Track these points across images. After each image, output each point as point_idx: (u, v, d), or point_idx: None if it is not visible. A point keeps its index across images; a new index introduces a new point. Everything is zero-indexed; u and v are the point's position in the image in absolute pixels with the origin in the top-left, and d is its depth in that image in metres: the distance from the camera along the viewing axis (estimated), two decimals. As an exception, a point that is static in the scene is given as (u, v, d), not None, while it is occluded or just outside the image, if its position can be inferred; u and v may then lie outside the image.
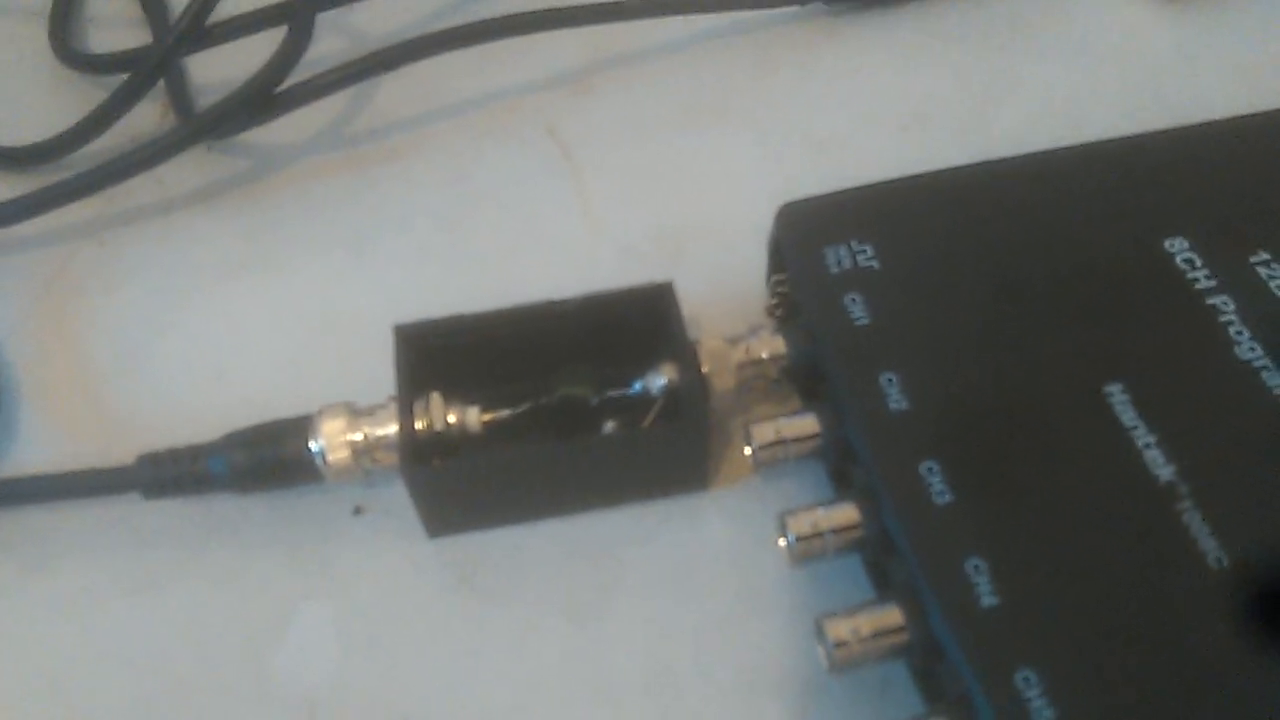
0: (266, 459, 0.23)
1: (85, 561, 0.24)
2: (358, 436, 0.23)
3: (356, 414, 0.23)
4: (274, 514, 0.24)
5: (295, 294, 0.28)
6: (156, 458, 0.23)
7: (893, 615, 0.20)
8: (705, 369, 0.23)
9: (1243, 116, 0.26)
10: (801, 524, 0.21)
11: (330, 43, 0.33)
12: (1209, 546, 0.19)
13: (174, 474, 0.23)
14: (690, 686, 0.22)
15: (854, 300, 0.23)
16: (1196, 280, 0.23)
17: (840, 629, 0.20)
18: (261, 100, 0.29)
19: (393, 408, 0.23)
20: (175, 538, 0.24)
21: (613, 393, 0.24)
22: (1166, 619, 0.19)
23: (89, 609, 0.24)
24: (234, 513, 0.24)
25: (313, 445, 0.23)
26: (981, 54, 0.32)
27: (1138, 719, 0.18)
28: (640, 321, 0.24)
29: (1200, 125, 0.26)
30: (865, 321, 0.23)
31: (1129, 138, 0.26)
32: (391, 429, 0.23)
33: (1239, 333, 0.22)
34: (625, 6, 0.32)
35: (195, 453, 0.23)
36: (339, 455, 0.23)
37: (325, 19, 0.32)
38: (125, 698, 0.22)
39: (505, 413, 0.24)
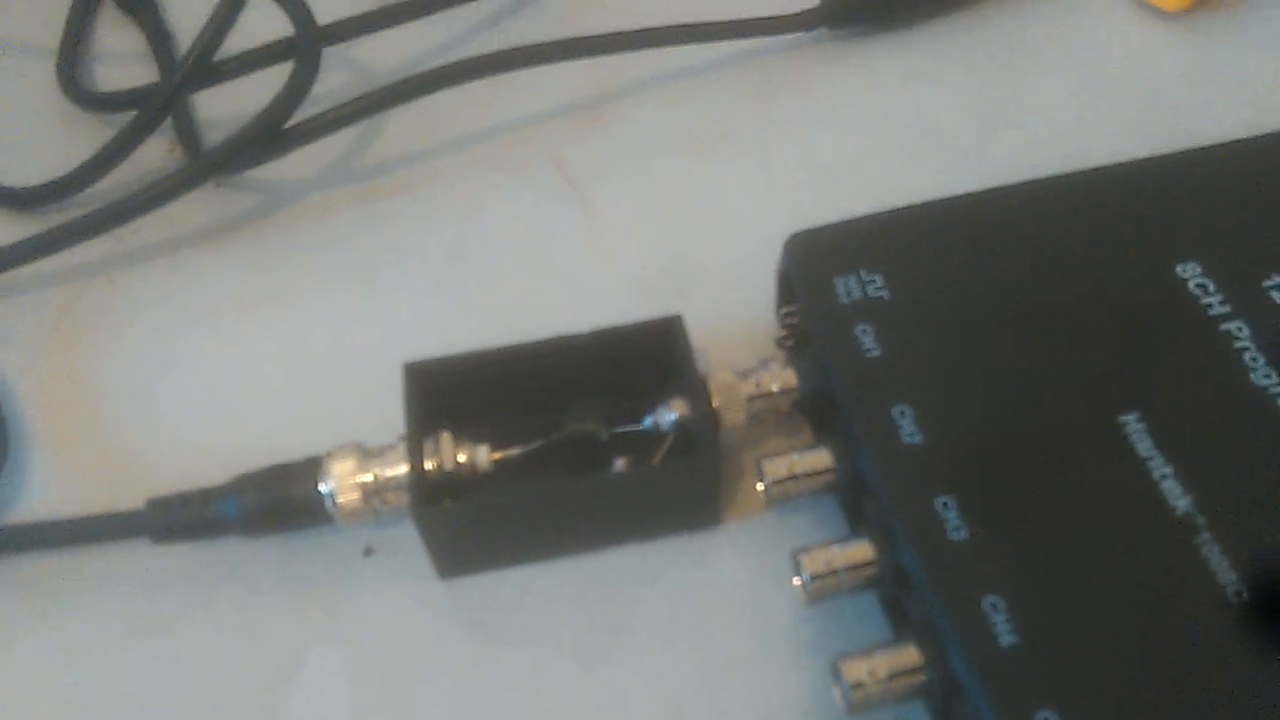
0: (276, 502, 0.23)
1: (95, 607, 0.24)
2: (368, 478, 0.23)
3: (366, 455, 0.23)
4: (284, 556, 0.24)
5: (305, 331, 0.28)
6: (166, 502, 0.23)
7: (910, 655, 0.20)
8: (716, 404, 0.23)
9: (1252, 138, 0.26)
10: (816, 562, 0.21)
11: (337, 77, 0.33)
12: (1228, 580, 0.19)
13: (183, 518, 0.23)
14: (705, 727, 0.22)
15: (865, 331, 0.23)
16: (1210, 306, 0.23)
17: (857, 670, 0.20)
18: (269, 137, 0.29)
19: (402, 448, 0.23)
20: (185, 582, 0.24)
21: (623, 428, 0.24)
22: (1186, 655, 0.18)
23: (98, 655, 0.23)
24: (244, 556, 0.24)
25: (323, 487, 0.23)
26: (987, 77, 0.32)
27: (1160, 758, 0.18)
28: (650, 356, 0.24)
29: (1210, 148, 0.26)
30: (877, 353, 0.22)
31: (1138, 161, 0.25)
32: (402, 469, 0.23)
33: (1254, 359, 0.22)
34: (630, 37, 0.32)
35: (205, 496, 0.23)
36: (349, 497, 0.23)
37: (332, 53, 0.32)
38: (136, 744, 0.22)
39: (515, 450, 0.24)
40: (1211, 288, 0.23)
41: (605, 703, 0.22)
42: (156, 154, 0.32)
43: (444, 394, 0.24)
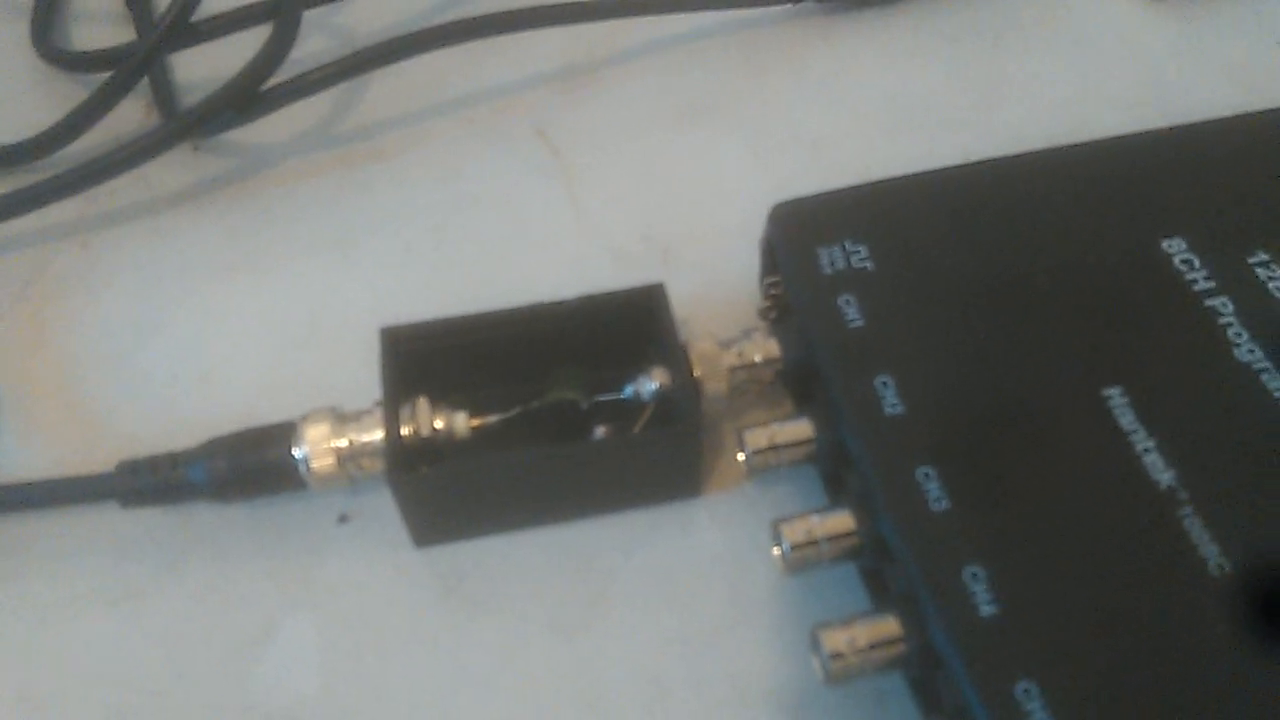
0: (248, 466, 0.22)
1: (62, 571, 0.24)
2: (342, 443, 0.22)
3: (341, 420, 0.23)
4: (256, 522, 0.24)
5: (282, 296, 0.28)
6: (135, 465, 0.23)
7: (890, 626, 0.20)
8: (697, 373, 0.23)
9: (1240, 115, 0.26)
10: (796, 532, 0.21)
11: (317, 40, 0.33)
12: (1210, 553, 0.19)
13: (153, 482, 0.23)
14: (681, 699, 0.21)
15: (848, 302, 0.23)
16: (1195, 281, 0.22)
17: (837, 640, 0.19)
18: (247, 98, 0.29)
19: (378, 413, 0.22)
20: (155, 547, 0.24)
21: (603, 397, 0.23)
22: (1167, 627, 0.18)
23: (65, 620, 0.23)
24: (215, 522, 0.24)
25: (296, 452, 0.22)
26: (975, 53, 0.32)
27: (1139, 730, 0.18)
28: (631, 324, 0.24)
29: (1197, 124, 0.25)
30: (860, 323, 0.22)
31: (1126, 136, 0.25)
32: (377, 435, 0.22)
33: (1238, 335, 0.22)
34: (616, 4, 0.31)
35: (175, 460, 0.23)
36: (323, 462, 0.22)
37: (312, 16, 0.31)
38: (104, 710, 0.22)
39: (494, 418, 0.23)
40: (1196, 264, 0.23)
41: (583, 672, 0.22)
42: (132, 116, 0.32)
43: (422, 360, 0.23)
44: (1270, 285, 0.22)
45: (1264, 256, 0.23)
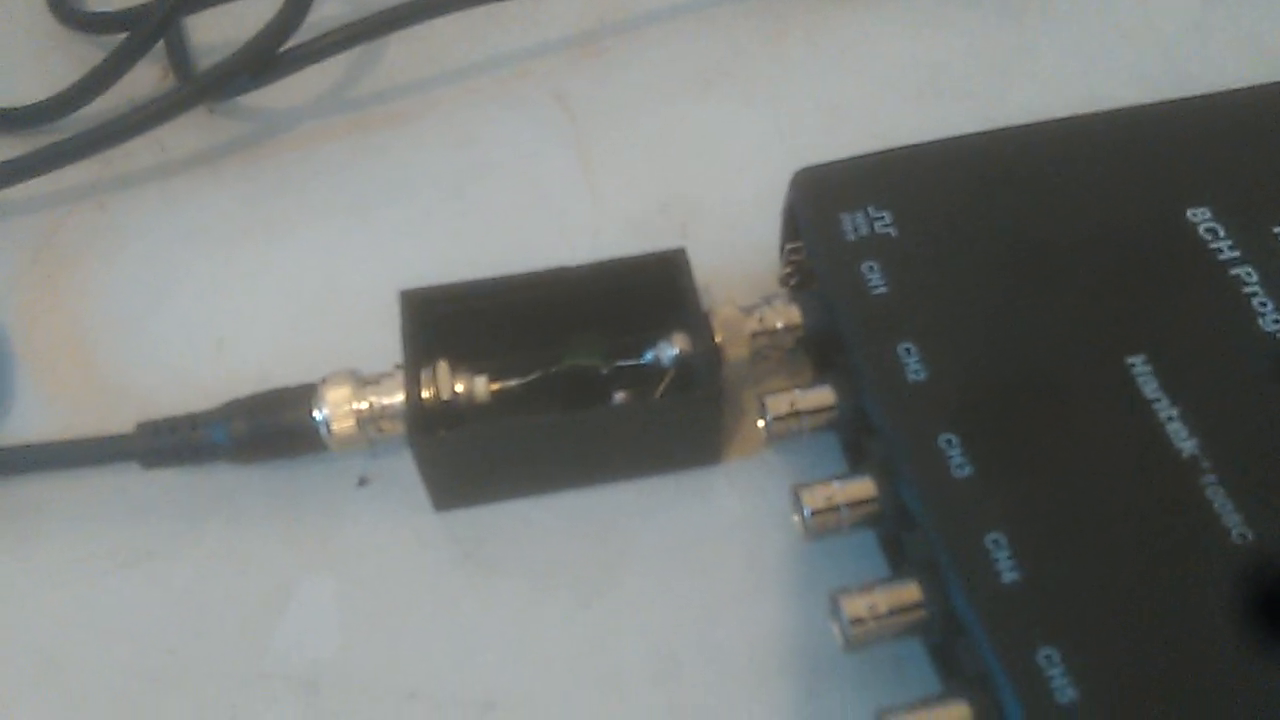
0: (269, 428, 0.22)
1: (82, 532, 0.24)
2: (363, 405, 0.22)
3: (362, 382, 0.23)
4: (276, 485, 0.24)
5: (298, 260, 0.28)
6: (155, 426, 0.23)
7: (911, 591, 0.20)
8: (719, 339, 0.23)
9: (1264, 85, 0.25)
10: (817, 498, 0.21)
11: (334, 3, 0.33)
12: (1232, 521, 0.19)
13: (173, 443, 0.23)
14: (698, 664, 0.22)
15: (871, 268, 0.22)
16: (1220, 251, 0.22)
17: (857, 605, 0.19)
18: (263, 61, 0.29)
19: (399, 376, 0.22)
20: (174, 509, 0.24)
21: (623, 362, 0.23)
22: (1189, 595, 0.18)
23: (85, 580, 0.23)
24: (234, 483, 0.24)
25: (316, 414, 0.22)
26: (997, 21, 0.31)
27: (1160, 698, 0.18)
28: (652, 289, 0.24)
29: (1222, 94, 0.25)
30: (883, 290, 0.22)
31: (1150, 105, 0.25)
32: (398, 398, 0.22)
33: (1263, 304, 0.21)
34: (635, -30, 0.31)
35: (195, 421, 0.23)
36: (344, 424, 0.22)
37: (328, -21, 0.31)
38: (122, 672, 0.22)
39: (513, 382, 0.23)
40: (1221, 232, 0.22)
41: (600, 637, 0.22)
42: (148, 79, 0.32)
43: (441, 323, 0.23)
44: (1296, 255, 0.22)
45: (1290, 227, 0.22)
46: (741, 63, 0.31)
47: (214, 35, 0.32)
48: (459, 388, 0.22)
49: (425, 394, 0.22)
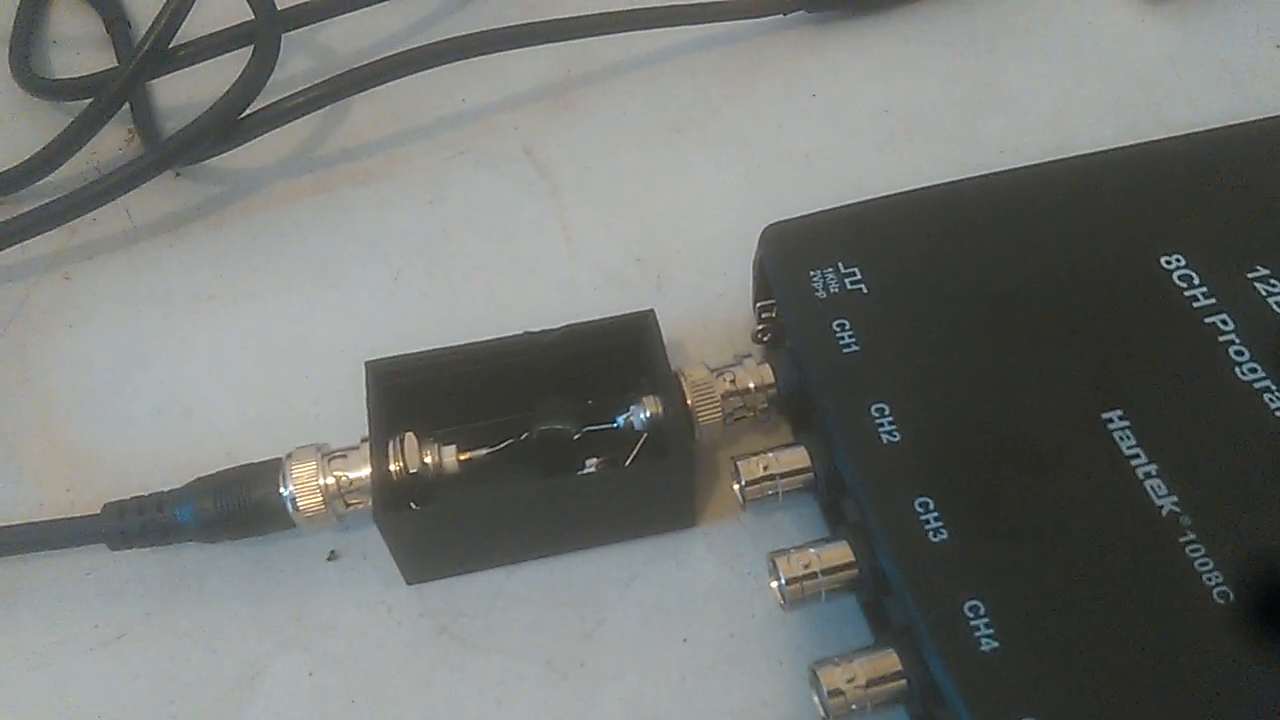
0: (235, 506, 0.22)
1: (50, 615, 0.23)
2: (329, 481, 0.22)
3: (328, 457, 0.22)
4: (245, 561, 0.24)
5: (267, 326, 0.27)
6: (121, 507, 0.23)
7: (890, 661, 0.19)
8: (690, 401, 0.23)
9: (1235, 125, 0.25)
10: (792, 566, 0.20)
11: (299, 63, 0.32)
12: (1214, 580, 0.19)
13: (140, 524, 0.22)
14: (680, 736, 0.21)
15: (842, 326, 0.22)
16: (1195, 299, 0.22)
17: (835, 677, 0.19)
18: (228, 125, 0.29)
19: (365, 449, 0.22)
20: (144, 589, 0.23)
21: (594, 427, 0.23)
22: (1171, 659, 0.18)
23: (54, 663, 0.23)
24: (204, 561, 0.24)
25: (283, 490, 0.22)
26: (970, 61, 0.31)
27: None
28: (621, 352, 0.23)
29: (1193, 135, 0.25)
30: (855, 349, 0.22)
31: (1120, 150, 0.25)
32: (364, 472, 0.22)
33: (1239, 353, 0.21)
34: (602, 20, 0.31)
35: (161, 501, 0.22)
36: (310, 501, 0.22)
37: (293, 39, 0.31)
38: (93, 757, 0.22)
39: (483, 451, 0.23)
40: (1196, 280, 0.22)
41: (578, 710, 0.21)
42: (114, 144, 0.31)
43: (409, 393, 0.23)
44: (1270, 300, 0.22)
45: (1264, 271, 0.22)
46: (712, 111, 0.31)
47: (179, 96, 0.32)
48: (427, 459, 0.22)
49: (393, 467, 0.22)
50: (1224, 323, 0.22)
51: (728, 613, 0.22)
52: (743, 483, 0.22)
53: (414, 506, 0.22)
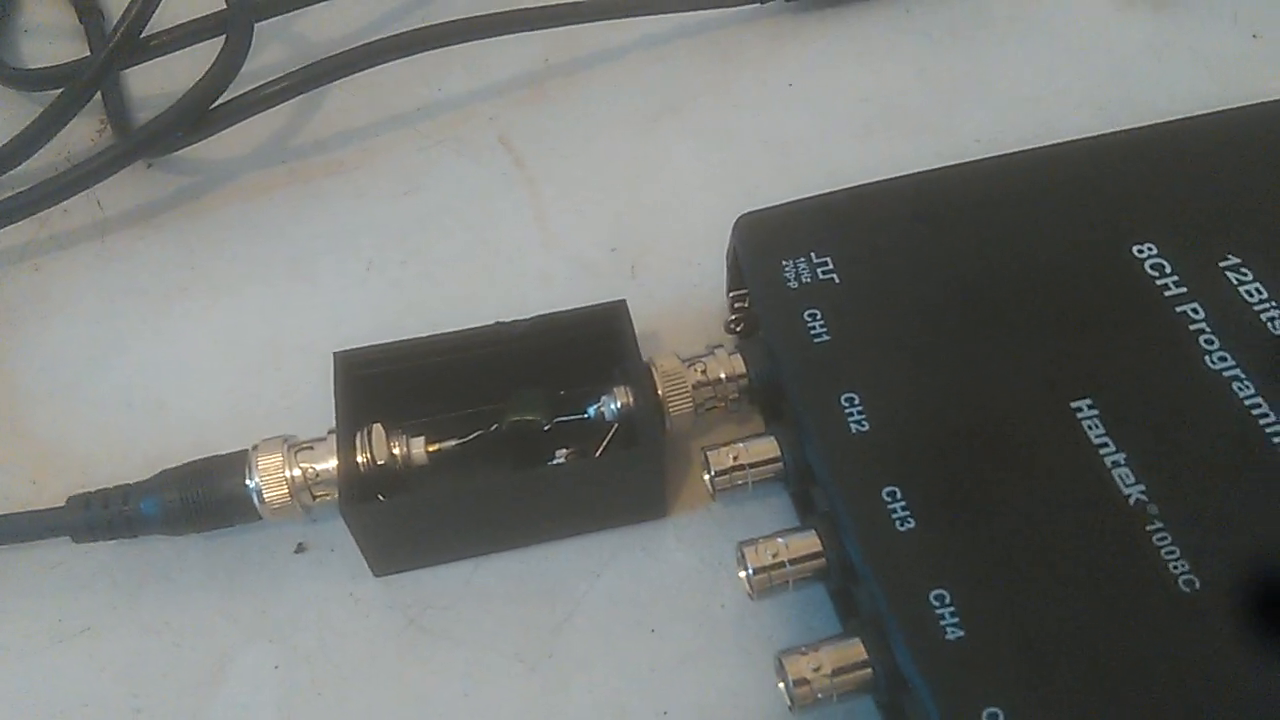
0: (200, 499, 0.22)
1: (14, 608, 0.23)
2: (296, 473, 0.22)
3: (295, 448, 0.22)
4: (211, 553, 0.23)
5: (238, 318, 0.27)
6: (86, 499, 0.22)
7: (856, 650, 0.19)
8: (661, 392, 0.22)
9: (1210, 114, 0.25)
10: (761, 555, 0.20)
11: (272, 53, 0.32)
12: (1180, 569, 0.19)
13: (105, 516, 0.22)
14: (649, 727, 0.21)
15: (814, 316, 0.22)
16: (1166, 287, 0.22)
17: (800, 666, 0.19)
18: (200, 115, 0.28)
19: (332, 441, 0.22)
20: (109, 581, 0.23)
21: (565, 418, 0.23)
22: (1137, 648, 0.18)
23: (18, 657, 0.23)
24: (170, 553, 0.23)
25: (249, 483, 0.22)
26: (948, 51, 0.31)
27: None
28: (593, 342, 0.23)
29: (1166, 124, 0.25)
30: (825, 339, 0.22)
31: (1093, 139, 0.25)
32: (331, 464, 0.22)
33: (1209, 341, 0.21)
34: (579, 8, 0.30)
35: (126, 493, 0.22)
36: (276, 493, 0.22)
37: (266, 28, 0.31)
38: (59, 751, 0.21)
39: (452, 442, 0.23)
40: (1167, 269, 0.22)
41: (547, 702, 0.21)
42: (86, 134, 0.31)
43: (378, 384, 0.23)
44: (1241, 290, 0.22)
45: (1235, 260, 0.22)
46: (689, 99, 0.31)
47: (152, 86, 0.32)
48: (396, 450, 0.22)
49: (360, 458, 0.22)
50: (1195, 311, 0.21)
51: (697, 603, 0.22)
52: (713, 473, 0.21)
53: (382, 498, 0.22)
